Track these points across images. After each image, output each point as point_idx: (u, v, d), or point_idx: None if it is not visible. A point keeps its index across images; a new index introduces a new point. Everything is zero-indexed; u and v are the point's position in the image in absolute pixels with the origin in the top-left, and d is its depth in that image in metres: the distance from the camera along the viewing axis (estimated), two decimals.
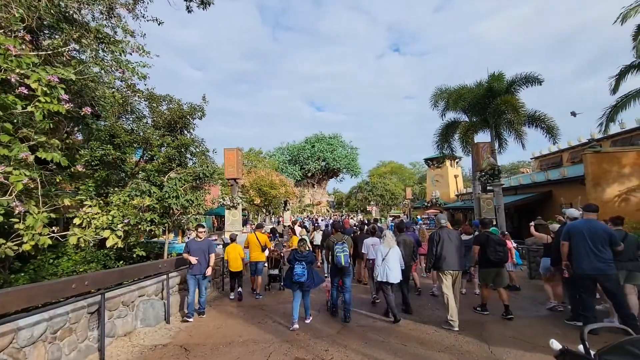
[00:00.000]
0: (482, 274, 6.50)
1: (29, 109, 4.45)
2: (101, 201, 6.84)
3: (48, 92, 4.83)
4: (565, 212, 6.33)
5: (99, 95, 8.17)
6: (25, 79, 4.63)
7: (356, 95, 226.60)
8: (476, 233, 7.88)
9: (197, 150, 10.25)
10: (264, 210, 28.21)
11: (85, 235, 5.12)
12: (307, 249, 6.29)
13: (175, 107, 9.56)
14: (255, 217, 35.90)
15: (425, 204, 31.37)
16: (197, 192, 8.96)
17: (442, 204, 29.40)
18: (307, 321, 6.34)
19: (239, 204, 12.54)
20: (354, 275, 8.53)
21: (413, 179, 62.92)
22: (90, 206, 5.95)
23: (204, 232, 6.98)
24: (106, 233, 5.82)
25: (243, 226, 26.29)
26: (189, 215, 8.92)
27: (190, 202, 7.97)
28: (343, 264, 6.27)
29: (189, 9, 9.10)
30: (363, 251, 7.52)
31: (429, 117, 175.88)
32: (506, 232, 9.23)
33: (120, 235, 6.11)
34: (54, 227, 4.75)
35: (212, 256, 7.03)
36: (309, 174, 65.50)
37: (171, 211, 8.16)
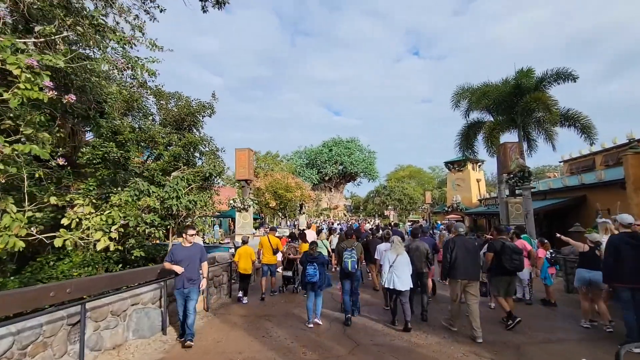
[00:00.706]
0: (494, 282, 6.37)
1: (5, 95, 3.98)
2: (94, 201, 6.35)
3: (32, 79, 4.37)
4: (617, 219, 5.37)
5: (104, 91, 7.78)
6: (5, 65, 4.19)
7: (372, 99, 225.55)
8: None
9: (206, 149, 9.77)
10: (280, 214, 27.66)
11: (72, 237, 4.60)
12: (319, 251, 6.62)
13: (184, 104, 9.11)
14: (271, 220, 35.55)
15: (446, 208, 30.77)
16: (203, 192, 8.42)
17: (464, 209, 28.52)
18: (317, 320, 6.45)
19: (250, 206, 12.00)
20: (362, 280, 8.43)
21: (432, 183, 62.01)
22: (81, 205, 5.48)
23: (194, 235, 5.67)
24: (97, 235, 5.32)
25: (257, 229, 26.08)
26: (194, 217, 8.39)
27: (194, 203, 7.43)
28: (350, 269, 6.47)
29: (204, 9, 8.69)
30: (376, 257, 7.40)
31: (447, 121, 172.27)
32: (545, 241, 8.23)
33: (115, 238, 5.59)
34: (33, 228, 4.24)
35: (205, 265, 5.72)
36: (326, 178, 65.18)
37: (175, 213, 7.65)
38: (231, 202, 11.83)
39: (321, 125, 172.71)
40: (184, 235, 5.60)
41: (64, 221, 5.10)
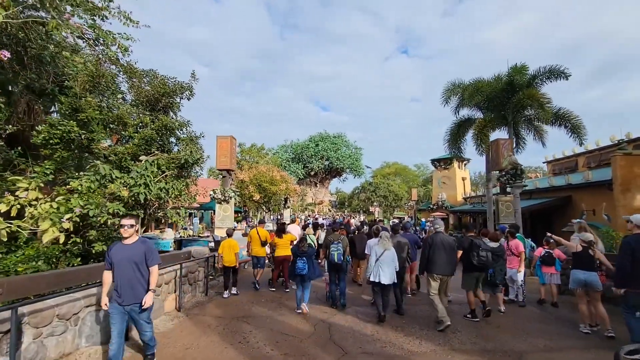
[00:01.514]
0: (464, 278, 6.62)
1: None
2: (42, 185, 5.45)
3: None
4: (631, 219, 4.91)
5: (66, 63, 6.82)
6: None
7: (362, 96, 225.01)
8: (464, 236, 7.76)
9: (183, 134, 8.94)
10: (264, 207, 26.91)
11: (10, 225, 3.75)
12: (307, 246, 6.87)
13: (158, 83, 8.21)
14: (255, 214, 34.77)
15: (431, 206, 30.57)
16: (178, 181, 7.59)
17: (449, 206, 28.47)
18: (304, 306, 6.72)
19: (231, 197, 11.23)
20: (347, 272, 8.71)
21: (417, 180, 62.91)
22: (25, 190, 4.61)
23: (133, 227, 4.09)
24: (45, 224, 4.47)
25: (239, 223, 25.28)
26: (168, 208, 7.58)
27: (165, 191, 6.61)
28: (336, 261, 6.99)
29: None
30: (366, 252, 7.31)
31: (434, 120, 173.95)
32: (551, 240, 7.81)
33: (67, 228, 4.74)
34: None
35: (154, 272, 4.14)
36: (312, 173, 64.96)
37: (144, 202, 6.81)
38: (211, 193, 11.04)
39: (309, 121, 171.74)
40: (121, 230, 4.03)
41: (1, 207, 4.22)
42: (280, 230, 8.56)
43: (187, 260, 7.57)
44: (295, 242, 7.81)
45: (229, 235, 8.40)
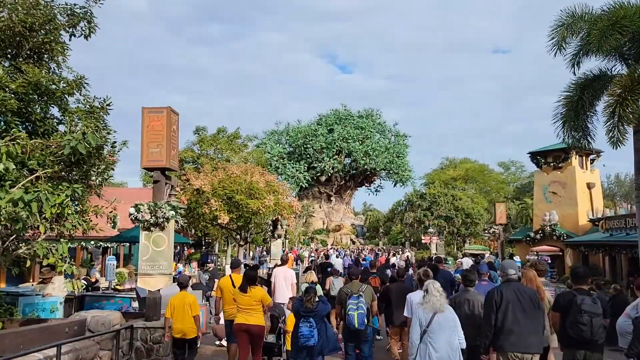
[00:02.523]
0: (564, 357, 6.85)
1: None
2: None
3: None
4: None
5: None
6: None
7: (408, 45, 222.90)
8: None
9: (76, 104, 8.66)
10: (237, 237, 26.47)
11: None
12: (316, 300, 7.39)
13: (23, 9, 7.74)
14: (222, 249, 34.27)
15: (532, 234, 29.77)
16: (60, 187, 7.00)
17: (564, 234, 27.66)
18: None
19: (169, 219, 10.51)
20: (374, 342, 9.63)
21: (505, 190, 61.59)
22: None
23: None
24: None
25: (187, 264, 24.51)
26: (39, 240, 7.02)
27: (28, 208, 5.96)
28: (356, 325, 7.42)
29: None
30: (406, 314, 7.60)
31: (534, 86, 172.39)
32: None
33: None
34: None
35: None
36: (323, 179, 64.86)
37: None
38: (131, 210, 10.33)
39: (318, 89, 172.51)
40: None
41: None
42: (249, 278, 8.32)
43: (75, 339, 7.24)
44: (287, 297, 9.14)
45: (183, 285, 8.91)
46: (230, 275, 9.60)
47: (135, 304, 12.74)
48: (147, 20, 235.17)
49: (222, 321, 10.14)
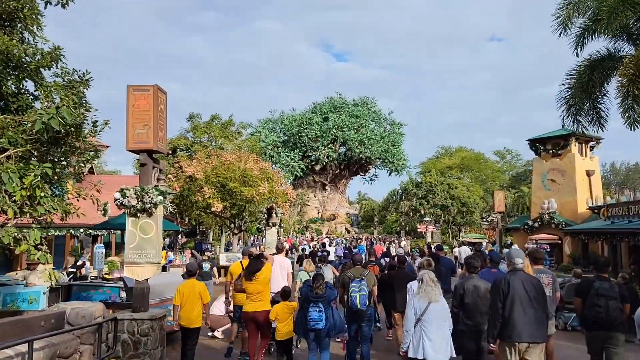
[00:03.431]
0: (587, 341, 7.19)
1: None
2: None
3: None
4: None
5: None
6: None
7: (404, 34, 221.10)
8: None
9: (53, 78, 8.19)
10: (231, 225, 26.08)
11: None
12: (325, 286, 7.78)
13: None
14: (217, 237, 33.93)
15: (530, 222, 29.73)
16: (32, 167, 6.46)
17: (563, 222, 27.52)
18: None
19: (156, 204, 9.95)
20: (377, 323, 10.26)
21: (500, 179, 61.75)
22: None
23: None
24: None
25: (180, 252, 24.07)
26: (8, 225, 6.56)
27: None
28: (359, 306, 7.87)
29: None
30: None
31: (532, 75, 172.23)
32: None
33: None
34: None
35: None
36: (318, 167, 64.68)
37: None
38: (116, 195, 9.80)
39: (313, 77, 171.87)
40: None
41: None
42: (253, 267, 8.49)
43: (50, 334, 6.71)
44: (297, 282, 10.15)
45: (192, 273, 9.02)
46: (241, 261, 9.92)
47: (124, 294, 12.33)
48: (141, 9, 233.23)
49: (231, 307, 10.40)
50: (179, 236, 32.48)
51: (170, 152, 34.44)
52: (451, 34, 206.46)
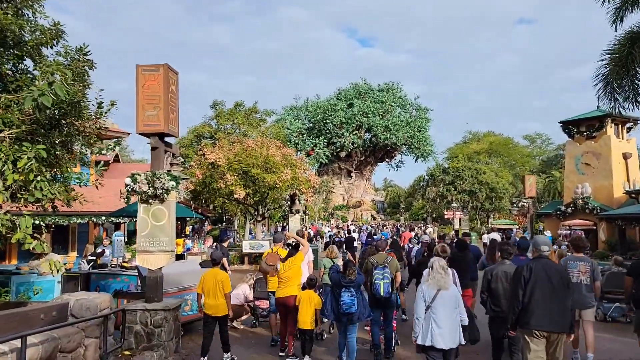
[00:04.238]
0: (635, 319, 7.59)
1: None
2: None
3: None
4: None
5: None
6: None
7: (429, 19, 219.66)
8: None
9: (55, 56, 7.80)
10: (255, 212, 25.90)
11: None
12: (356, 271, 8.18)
13: None
14: (242, 227, 33.80)
15: (562, 207, 28.85)
16: (27, 149, 6.05)
17: (597, 207, 26.61)
18: None
19: (169, 190, 9.63)
20: (398, 308, 10.18)
21: (530, 164, 60.68)
22: None
23: None
24: None
25: (199, 238, 23.85)
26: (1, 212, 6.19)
27: None
28: (382, 293, 8.12)
29: None
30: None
31: (563, 59, 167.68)
32: None
33: None
34: None
35: None
36: (343, 154, 64.37)
37: None
38: (128, 181, 9.50)
39: (338, 63, 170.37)
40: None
41: None
42: (292, 250, 9.42)
43: (49, 327, 6.56)
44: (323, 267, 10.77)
45: (216, 262, 9.04)
46: (272, 248, 10.27)
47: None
48: (167, 3, 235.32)
49: (251, 296, 11.48)
50: (205, 223, 32.44)
51: (193, 141, 34.46)
52: (478, 17, 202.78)
